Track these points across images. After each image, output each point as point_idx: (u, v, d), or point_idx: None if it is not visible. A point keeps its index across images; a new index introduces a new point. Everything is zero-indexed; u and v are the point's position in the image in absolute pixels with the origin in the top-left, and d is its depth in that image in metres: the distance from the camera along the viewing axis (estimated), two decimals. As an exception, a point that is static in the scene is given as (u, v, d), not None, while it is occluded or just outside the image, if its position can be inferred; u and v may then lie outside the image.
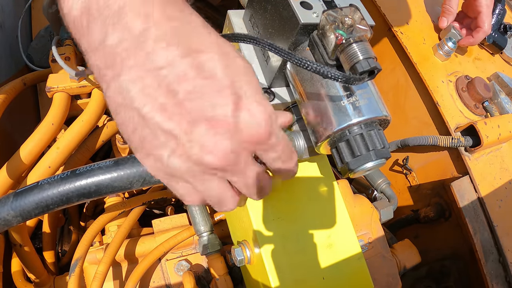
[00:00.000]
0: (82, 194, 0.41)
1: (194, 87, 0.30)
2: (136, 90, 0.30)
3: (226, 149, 0.32)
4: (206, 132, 0.31)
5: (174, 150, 0.32)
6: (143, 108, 0.31)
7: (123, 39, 0.30)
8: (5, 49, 1.08)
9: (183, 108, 0.31)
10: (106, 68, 0.31)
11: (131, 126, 0.32)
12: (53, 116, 0.74)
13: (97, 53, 0.31)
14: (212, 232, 0.77)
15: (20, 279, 0.84)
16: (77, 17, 0.31)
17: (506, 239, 0.83)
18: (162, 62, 0.30)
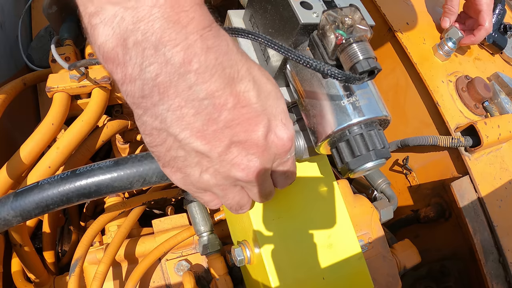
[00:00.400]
0: (82, 194, 0.41)
1: (233, 115, 0.33)
2: (174, 117, 0.32)
3: (257, 167, 0.37)
4: (239, 153, 0.35)
5: (207, 168, 0.36)
6: (180, 134, 0.33)
7: (163, 71, 0.30)
8: (5, 49, 1.08)
9: (221, 134, 0.33)
10: (143, 97, 0.31)
11: (165, 147, 0.35)
12: (53, 116, 0.74)
13: (133, 84, 0.31)
14: (212, 232, 0.77)
15: (20, 279, 0.84)
16: (112, 48, 0.30)
17: (506, 239, 0.83)
18: (204, 94, 0.31)
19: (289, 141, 0.39)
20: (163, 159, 0.37)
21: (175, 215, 0.90)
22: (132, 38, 0.29)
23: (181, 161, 0.36)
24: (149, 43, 0.29)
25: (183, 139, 0.33)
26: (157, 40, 0.29)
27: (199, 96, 0.31)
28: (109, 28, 0.29)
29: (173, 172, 0.38)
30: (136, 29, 0.29)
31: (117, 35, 0.29)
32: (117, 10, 0.29)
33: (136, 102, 0.32)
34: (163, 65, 0.30)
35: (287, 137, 0.38)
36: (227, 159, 0.35)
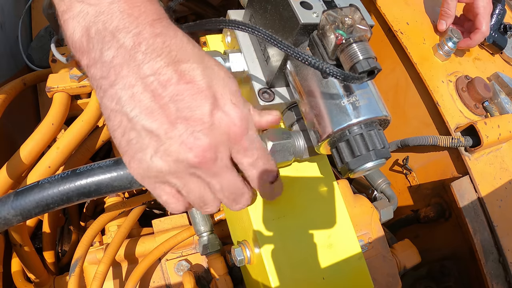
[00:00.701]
0: (82, 193, 0.41)
1: (177, 90, 0.35)
2: (127, 96, 0.35)
3: (204, 145, 0.36)
4: (185, 130, 0.35)
5: (156, 150, 0.36)
6: (131, 112, 0.35)
7: (118, 53, 0.35)
8: (5, 49, 1.08)
9: (167, 109, 0.35)
10: (102, 78, 0.35)
11: (120, 130, 0.36)
12: (53, 116, 0.74)
13: (96, 66, 0.36)
14: (212, 232, 0.77)
15: (20, 279, 0.84)
16: (79, 38, 0.36)
17: (506, 239, 0.83)
18: (150, 71, 0.35)
19: (241, 121, 0.38)
20: (121, 146, 0.38)
21: (175, 215, 0.90)
22: (94, 28, 0.35)
23: (133, 144, 0.36)
24: (107, 31, 0.34)
25: (133, 117, 0.35)
26: (114, 28, 0.34)
27: (146, 73, 0.34)
28: (76, 22, 0.35)
29: (130, 160, 0.37)
30: (97, 21, 0.35)
31: (82, 27, 0.35)
32: (82, 7, 0.35)
33: (98, 84, 0.36)
34: (118, 48, 0.34)
35: (238, 116, 0.37)
36: (174, 136, 0.35)
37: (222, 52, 0.61)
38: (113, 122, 0.36)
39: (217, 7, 1.49)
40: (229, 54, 0.59)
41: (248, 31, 0.45)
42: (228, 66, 0.59)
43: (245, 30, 0.45)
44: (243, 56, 0.60)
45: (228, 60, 0.59)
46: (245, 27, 0.44)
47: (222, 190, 0.40)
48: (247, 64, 0.59)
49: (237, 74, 0.60)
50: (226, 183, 0.39)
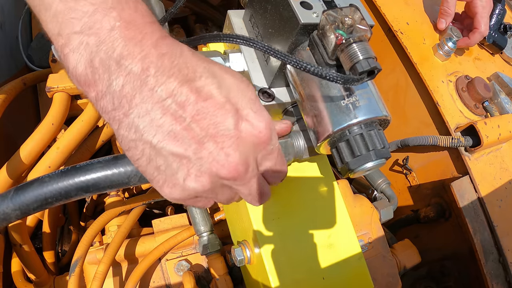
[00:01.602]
0: (81, 189, 0.41)
1: (197, 110, 0.34)
2: (145, 123, 0.34)
3: (236, 161, 0.36)
4: (214, 148, 0.35)
5: (188, 172, 0.36)
6: (153, 139, 0.34)
7: (127, 81, 0.33)
8: (5, 49, 1.08)
9: (191, 131, 0.34)
10: (114, 110, 0.34)
11: (145, 159, 0.36)
12: (53, 116, 0.74)
13: (105, 99, 0.34)
14: (212, 232, 0.77)
15: (20, 279, 0.84)
16: (83, 70, 0.34)
17: (506, 239, 0.83)
18: (165, 94, 0.33)
19: (266, 129, 0.38)
20: (148, 173, 0.37)
21: (175, 215, 0.90)
22: (97, 58, 0.33)
23: (162, 170, 0.36)
24: (111, 60, 0.33)
25: (157, 144, 0.34)
26: (118, 56, 0.33)
27: (162, 97, 0.33)
28: (77, 54, 0.34)
29: (160, 186, 0.38)
30: (99, 50, 0.33)
31: (84, 58, 0.34)
32: (82, 38, 0.33)
33: (111, 116, 0.35)
34: (126, 76, 0.33)
35: (263, 125, 0.38)
36: (204, 156, 0.35)
37: (222, 52, 0.61)
38: (134, 152, 0.36)
39: (217, 7, 1.49)
40: (229, 54, 0.59)
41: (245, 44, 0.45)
42: (228, 66, 0.59)
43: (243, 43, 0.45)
44: (243, 56, 0.60)
45: (228, 60, 0.59)
46: (243, 41, 0.45)
47: (250, 194, 0.41)
48: (247, 64, 0.59)
49: (237, 74, 0.60)
50: (255, 188, 0.41)
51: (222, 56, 0.59)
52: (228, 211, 0.73)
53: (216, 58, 0.58)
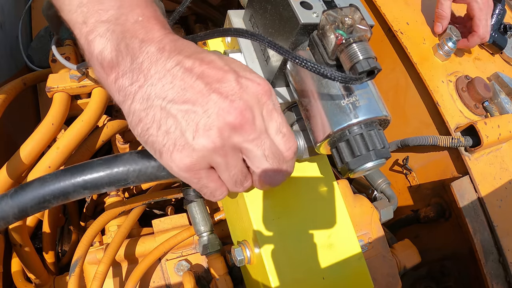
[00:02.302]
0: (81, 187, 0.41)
1: (201, 71, 0.38)
2: (157, 89, 0.38)
3: (241, 106, 0.38)
4: (219, 98, 0.38)
5: (197, 127, 0.38)
6: (163, 101, 0.38)
7: (146, 58, 0.38)
8: (5, 49, 1.08)
9: (197, 87, 0.38)
10: (132, 84, 0.38)
11: (155, 125, 0.38)
12: (53, 116, 0.74)
13: (125, 76, 0.39)
14: (212, 232, 0.77)
15: (20, 279, 0.84)
16: (109, 53, 0.39)
17: (506, 239, 0.83)
18: (175, 63, 0.38)
19: (265, 83, 0.41)
20: (158, 143, 0.39)
21: (175, 215, 0.90)
22: (123, 43, 0.39)
23: (172, 131, 0.38)
24: (135, 44, 0.39)
25: (166, 105, 0.38)
26: (139, 41, 0.39)
27: (171, 66, 0.38)
28: (104, 39, 0.39)
29: (170, 154, 0.38)
30: (124, 37, 0.39)
31: (111, 43, 0.39)
32: (109, 26, 0.39)
33: (127, 92, 0.39)
34: (146, 55, 0.38)
35: (261, 80, 0.41)
36: (210, 106, 0.38)
37: (222, 52, 0.61)
38: (145, 122, 0.38)
39: (217, 7, 1.49)
40: (229, 54, 0.59)
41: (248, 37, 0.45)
42: (228, 66, 0.59)
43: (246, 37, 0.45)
44: (243, 56, 0.60)
45: (228, 60, 0.59)
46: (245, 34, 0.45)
47: (265, 156, 0.41)
48: (247, 64, 0.59)
49: (237, 74, 0.60)
50: (269, 147, 0.41)
51: (222, 56, 0.59)
52: (228, 211, 0.73)
53: (216, 58, 0.58)
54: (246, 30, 0.46)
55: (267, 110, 0.41)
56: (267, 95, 0.41)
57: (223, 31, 0.52)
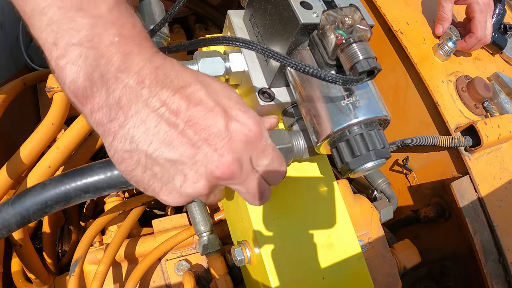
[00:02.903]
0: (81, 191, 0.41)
1: (189, 116, 0.36)
2: (140, 133, 0.35)
3: (229, 161, 0.37)
4: (208, 150, 0.36)
5: (185, 178, 0.37)
6: (149, 147, 0.35)
7: (123, 93, 0.34)
8: (5, 49, 1.08)
9: (185, 136, 0.35)
10: (110, 121, 0.35)
11: (140, 168, 0.36)
12: (53, 116, 0.74)
13: (102, 111, 0.35)
14: (212, 232, 0.77)
15: (20, 279, 0.84)
16: (82, 83, 0.34)
17: (506, 239, 0.83)
18: (159, 103, 0.35)
19: (255, 125, 0.39)
20: (143, 183, 0.38)
21: (175, 215, 0.90)
22: (97, 72, 0.34)
23: (159, 177, 0.37)
24: (110, 73, 0.34)
25: (153, 152, 0.35)
26: (116, 69, 0.34)
27: (155, 107, 0.35)
28: (76, 67, 0.34)
29: (157, 193, 0.38)
30: (99, 64, 0.34)
31: (84, 71, 0.34)
32: (81, 51, 0.34)
33: (105, 128, 0.35)
34: (123, 88, 0.34)
35: (252, 122, 0.39)
36: (199, 160, 0.36)
37: (222, 52, 0.61)
38: (128, 163, 0.36)
39: (217, 7, 1.49)
40: (229, 54, 0.59)
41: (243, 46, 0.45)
42: (228, 66, 0.59)
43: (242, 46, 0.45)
44: (243, 56, 0.60)
45: (228, 60, 0.59)
46: (242, 43, 0.45)
47: (248, 193, 0.42)
48: (247, 64, 0.59)
49: (237, 74, 0.60)
50: (253, 187, 0.42)
51: (222, 56, 0.59)
52: (228, 211, 0.73)
53: (216, 58, 0.58)
54: (236, 37, 0.45)
55: (257, 152, 0.40)
56: (258, 138, 0.40)
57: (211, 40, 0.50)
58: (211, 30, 1.48)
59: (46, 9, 0.34)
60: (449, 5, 0.92)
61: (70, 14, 0.34)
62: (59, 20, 0.34)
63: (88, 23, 0.34)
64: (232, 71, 0.59)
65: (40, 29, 0.34)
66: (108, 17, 0.35)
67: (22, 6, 0.35)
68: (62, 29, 0.34)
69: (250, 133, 0.38)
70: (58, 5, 0.34)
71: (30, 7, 0.34)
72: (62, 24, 0.34)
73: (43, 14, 0.34)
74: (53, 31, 0.34)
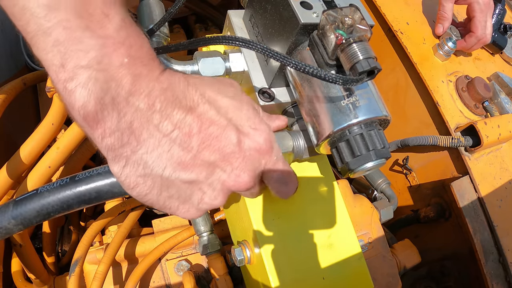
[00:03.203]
0: (83, 201, 0.41)
1: (202, 137, 0.36)
2: (154, 158, 0.35)
3: (246, 180, 0.39)
4: (224, 171, 0.37)
5: (202, 197, 0.38)
6: (164, 171, 0.35)
7: (135, 117, 0.34)
8: (5, 49, 1.08)
9: (200, 157, 0.36)
10: (122, 146, 0.34)
11: (155, 192, 0.37)
12: (53, 116, 0.74)
13: (113, 136, 0.34)
14: (212, 232, 0.77)
15: (20, 279, 0.84)
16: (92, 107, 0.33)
17: (506, 239, 0.83)
18: (171, 127, 0.35)
19: (266, 142, 0.41)
20: (158, 204, 0.38)
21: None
22: (108, 95, 0.33)
23: (175, 198, 0.38)
24: (121, 97, 0.33)
25: (168, 176, 0.36)
26: (126, 93, 0.33)
27: (168, 131, 0.35)
28: (86, 90, 0.33)
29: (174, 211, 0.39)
30: (109, 88, 0.33)
31: (94, 95, 0.33)
32: (90, 73, 0.32)
33: (117, 154, 0.35)
34: (135, 112, 0.34)
35: (263, 139, 0.40)
36: (215, 179, 0.37)
37: (222, 52, 0.61)
38: (142, 188, 0.36)
39: (217, 7, 1.49)
40: (229, 54, 0.59)
41: (243, 45, 0.45)
42: (228, 66, 0.59)
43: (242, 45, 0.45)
44: (243, 56, 0.60)
45: (228, 60, 0.59)
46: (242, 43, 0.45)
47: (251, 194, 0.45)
48: (247, 64, 0.59)
49: (237, 74, 0.60)
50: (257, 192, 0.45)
51: (222, 56, 0.59)
52: (228, 211, 0.73)
53: (216, 58, 0.58)
54: (236, 37, 0.45)
55: (268, 166, 0.42)
56: (269, 154, 0.41)
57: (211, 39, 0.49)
58: (211, 30, 1.48)
59: (51, 30, 0.32)
60: (450, 5, 0.92)
61: (77, 34, 0.32)
62: (65, 41, 0.32)
63: (97, 44, 0.33)
64: (232, 71, 0.59)
65: (45, 50, 0.33)
66: (116, 38, 0.34)
67: (23, 26, 0.33)
68: (69, 50, 0.32)
69: (261, 148, 0.40)
70: (63, 25, 0.32)
71: (33, 27, 0.32)
72: (69, 45, 0.32)
73: (47, 34, 0.32)
74: (60, 52, 0.32)
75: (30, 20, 0.32)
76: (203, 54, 0.58)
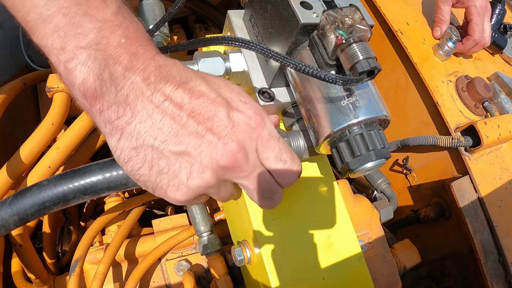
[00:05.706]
0: (79, 192, 0.41)
1: (192, 107, 0.37)
2: (147, 127, 0.36)
3: (234, 148, 0.37)
4: (212, 139, 0.37)
5: (191, 169, 0.37)
6: (155, 141, 0.36)
7: (130, 90, 0.36)
8: (5, 49, 1.08)
9: (189, 127, 0.37)
10: (118, 118, 0.36)
11: (147, 165, 0.37)
12: (53, 116, 0.74)
13: (111, 109, 0.36)
14: (212, 232, 0.77)
15: (20, 279, 0.84)
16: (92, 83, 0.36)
17: (506, 239, 0.83)
18: (163, 97, 0.36)
19: (256, 115, 0.40)
20: (150, 181, 0.38)
21: (175, 215, 0.90)
22: (106, 71, 0.36)
23: (165, 172, 0.37)
24: (118, 72, 0.36)
25: (158, 145, 0.36)
26: (123, 69, 0.36)
27: (160, 101, 0.36)
28: (86, 68, 0.35)
29: (164, 191, 0.39)
30: (108, 64, 0.36)
31: (93, 72, 0.36)
32: (89, 52, 0.35)
33: (113, 126, 0.37)
34: (130, 85, 0.36)
35: (252, 111, 0.40)
36: (203, 150, 0.37)
37: (222, 52, 0.61)
38: (135, 161, 0.37)
39: (217, 7, 1.49)
40: (229, 54, 0.59)
41: (243, 46, 0.45)
42: (228, 66, 0.59)
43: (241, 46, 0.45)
44: (243, 56, 0.60)
45: (228, 60, 0.59)
46: (241, 43, 0.44)
47: (255, 189, 0.42)
48: (247, 64, 0.59)
49: (237, 74, 0.60)
50: (260, 182, 0.41)
51: (222, 56, 0.59)
52: (228, 211, 0.73)
53: (216, 58, 0.58)
54: (236, 37, 0.45)
55: (261, 142, 0.40)
56: (260, 126, 0.40)
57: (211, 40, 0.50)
58: (211, 30, 1.48)
59: (51, 17, 0.35)
60: (447, 8, 0.92)
61: (76, 20, 0.35)
62: (65, 26, 0.35)
63: (95, 27, 0.36)
64: (232, 71, 0.59)
65: (46, 37, 0.35)
66: (114, 21, 0.37)
67: (23, 16, 0.35)
68: (69, 34, 0.35)
69: (251, 121, 0.39)
70: (63, 12, 0.35)
71: (33, 17, 0.35)
72: (69, 29, 0.35)
73: (48, 22, 0.35)
74: (60, 37, 0.35)
75: (31, 9, 0.35)
76: (203, 54, 0.58)
